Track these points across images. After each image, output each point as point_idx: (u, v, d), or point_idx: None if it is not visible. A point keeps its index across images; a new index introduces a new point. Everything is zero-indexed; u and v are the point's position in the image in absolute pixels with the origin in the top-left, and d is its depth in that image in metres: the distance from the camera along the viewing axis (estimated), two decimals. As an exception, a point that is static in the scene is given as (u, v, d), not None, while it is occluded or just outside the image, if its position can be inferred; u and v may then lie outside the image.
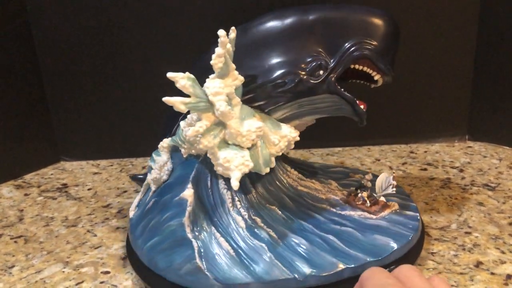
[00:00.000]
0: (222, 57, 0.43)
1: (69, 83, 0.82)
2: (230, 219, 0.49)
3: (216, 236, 0.48)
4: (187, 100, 0.44)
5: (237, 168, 0.45)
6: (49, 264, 0.54)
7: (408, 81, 0.82)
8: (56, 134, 0.85)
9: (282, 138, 0.48)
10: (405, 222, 0.51)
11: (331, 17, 0.49)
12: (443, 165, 0.77)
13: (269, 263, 0.45)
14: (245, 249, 0.47)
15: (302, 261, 0.45)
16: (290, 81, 0.47)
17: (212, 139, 0.45)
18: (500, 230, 0.56)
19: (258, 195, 0.52)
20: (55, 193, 0.73)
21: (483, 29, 0.79)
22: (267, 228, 0.49)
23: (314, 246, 0.47)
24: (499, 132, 0.83)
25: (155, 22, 0.78)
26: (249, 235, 0.48)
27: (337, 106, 0.50)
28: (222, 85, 0.44)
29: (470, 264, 0.50)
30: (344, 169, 0.66)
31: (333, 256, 0.46)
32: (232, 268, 0.45)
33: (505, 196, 0.65)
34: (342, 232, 0.49)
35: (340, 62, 0.48)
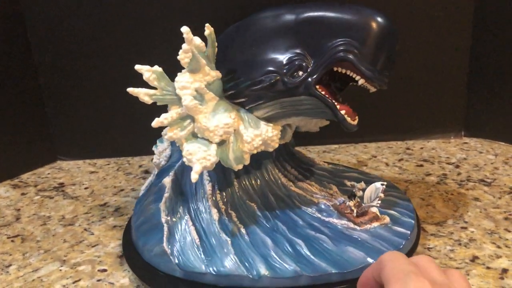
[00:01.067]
0: (189, 53, 0.45)
1: (65, 82, 0.82)
2: (206, 210, 0.51)
3: (188, 224, 0.50)
4: (152, 92, 0.47)
5: (198, 162, 0.46)
6: (46, 262, 0.54)
7: (404, 78, 0.82)
8: (52, 134, 0.85)
9: (256, 137, 0.48)
10: (389, 239, 0.48)
11: (317, 16, 0.47)
12: (439, 161, 0.77)
13: (229, 258, 0.46)
14: (211, 240, 0.48)
15: (261, 261, 0.45)
16: (267, 79, 0.47)
17: (179, 131, 0.47)
18: (496, 225, 0.56)
19: (241, 190, 0.53)
20: (52, 192, 0.73)
21: (478, 26, 0.80)
22: (239, 223, 0.50)
23: (278, 249, 0.47)
24: (494, 128, 0.84)
25: (151, 21, 0.78)
26: (219, 228, 0.49)
27: (319, 109, 0.48)
28: (190, 79, 0.46)
29: (466, 258, 0.50)
30: (358, 174, 0.63)
31: (293, 262, 0.45)
32: (194, 256, 0.46)
33: (500, 191, 0.65)
34: (314, 238, 0.48)
35: (320, 64, 0.46)
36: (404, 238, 0.48)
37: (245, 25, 0.51)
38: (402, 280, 0.28)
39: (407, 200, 0.56)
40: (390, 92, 0.84)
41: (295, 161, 0.61)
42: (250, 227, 0.50)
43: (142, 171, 0.79)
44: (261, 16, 0.50)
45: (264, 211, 0.52)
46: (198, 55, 0.46)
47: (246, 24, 0.51)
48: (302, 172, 0.59)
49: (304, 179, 0.58)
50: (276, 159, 0.58)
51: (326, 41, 0.46)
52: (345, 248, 0.47)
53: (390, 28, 0.45)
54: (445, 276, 0.30)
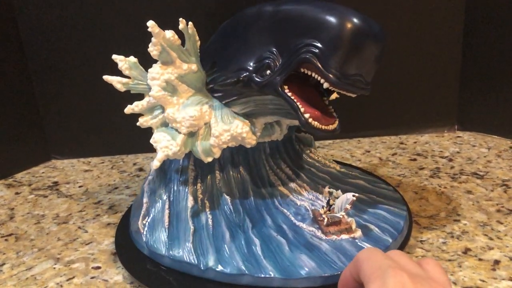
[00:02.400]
0: (157, 45, 0.47)
1: (58, 81, 0.81)
2: (183, 197, 0.52)
3: (164, 207, 0.52)
4: (124, 81, 0.50)
5: (161, 150, 0.48)
6: (40, 260, 0.54)
7: (396, 73, 0.83)
8: (46, 133, 0.85)
9: (225, 132, 0.48)
10: (351, 255, 0.45)
11: (290, 14, 0.44)
12: (433, 155, 0.77)
13: (185, 245, 0.48)
14: (178, 226, 0.50)
15: (213, 254, 0.47)
16: (235, 76, 0.47)
17: (150, 119, 0.50)
18: (488, 217, 0.56)
19: (222, 182, 0.54)
20: (46, 191, 0.73)
21: (470, 20, 0.80)
22: (209, 214, 0.52)
23: (233, 244, 0.48)
24: (488, 121, 0.84)
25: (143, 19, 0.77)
26: (189, 215, 0.51)
27: (286, 110, 0.46)
28: (161, 71, 0.48)
29: (458, 251, 0.50)
30: (366, 182, 0.61)
31: (242, 259, 0.46)
32: (159, 238, 0.49)
33: (493, 184, 0.65)
34: (273, 240, 0.48)
35: (286, 64, 0.44)
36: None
37: (233, 21, 0.51)
38: (380, 277, 0.28)
39: (400, 216, 0.52)
40: (383, 87, 0.84)
41: (295, 160, 0.60)
42: (217, 218, 0.52)
43: (136, 169, 0.79)
44: (246, 12, 0.50)
45: (237, 206, 0.53)
46: (168, 48, 0.47)
47: (234, 20, 0.51)
48: (297, 172, 0.59)
49: (295, 180, 0.58)
50: (270, 156, 0.58)
51: (295, 40, 0.43)
52: (298, 255, 0.46)
53: (367, 30, 0.41)
54: (420, 267, 0.30)
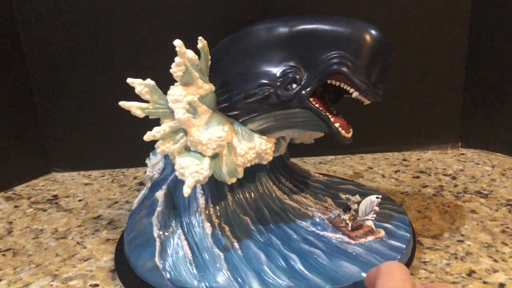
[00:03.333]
0: (181, 66, 0.45)
1: (59, 94, 0.81)
2: (199, 224, 0.50)
3: (181, 239, 0.49)
4: (144, 106, 0.46)
5: (190, 176, 0.45)
6: (37, 277, 0.53)
7: (400, 89, 0.82)
8: (47, 145, 0.84)
9: (250, 150, 0.48)
10: (384, 253, 0.48)
11: (311, 29, 0.47)
12: (436, 172, 0.76)
13: (221, 273, 0.45)
14: (204, 255, 0.47)
15: (254, 277, 0.45)
16: (261, 92, 0.47)
17: (171, 145, 0.47)
18: (493, 238, 0.56)
19: (234, 203, 0.52)
20: (45, 204, 0.73)
21: (474, 37, 0.80)
22: (233, 238, 0.49)
23: (272, 264, 0.46)
24: (491, 139, 0.83)
25: (145, 33, 0.78)
26: (212, 242, 0.49)
27: (313, 122, 0.48)
28: (183, 92, 0.45)
29: (462, 273, 0.49)
30: (354, 186, 0.63)
31: (287, 277, 0.45)
32: (186, 271, 0.46)
33: (497, 203, 0.64)
34: (308, 253, 0.48)
35: (314, 76, 0.46)
36: (399, 252, 0.48)
37: (239, 37, 0.51)
38: None
39: (402, 212, 0.56)
40: (386, 103, 0.83)
41: (290, 173, 0.60)
42: (243, 241, 0.49)
43: (137, 183, 0.79)
44: (255, 29, 0.49)
45: (258, 225, 0.52)
46: (191, 68, 0.45)
47: (240, 36, 0.50)
48: (297, 184, 0.59)
49: (298, 192, 0.58)
50: (271, 172, 0.58)
51: (320, 53, 0.46)
52: (339, 263, 0.46)
53: (384, 41, 0.45)
54: None
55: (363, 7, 0.77)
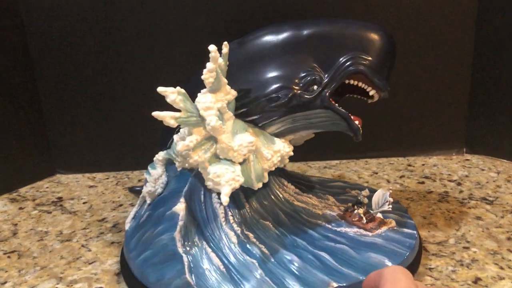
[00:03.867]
0: (213, 72, 0.44)
1: (65, 95, 0.81)
2: (222, 234, 0.49)
3: (207, 251, 0.47)
4: (177, 115, 0.45)
5: (227, 183, 0.45)
6: (42, 280, 0.53)
7: (405, 94, 0.82)
8: (51, 147, 0.84)
9: (275, 153, 0.48)
10: (401, 240, 0.50)
11: (325, 32, 0.49)
12: (441, 178, 0.76)
13: (259, 280, 0.44)
14: (236, 265, 0.46)
15: (293, 279, 0.44)
16: (283, 95, 0.47)
17: (203, 153, 0.45)
18: (499, 245, 0.55)
19: (252, 210, 0.52)
20: (50, 206, 0.73)
21: (480, 42, 0.80)
22: (259, 244, 0.49)
23: (306, 264, 0.46)
24: (497, 145, 0.83)
25: (151, 37, 0.78)
26: (241, 250, 0.48)
27: (332, 121, 0.50)
28: (213, 99, 0.45)
29: (468, 280, 0.49)
30: (343, 183, 0.66)
31: (325, 274, 0.45)
32: (222, 284, 0.44)
33: (503, 210, 0.64)
34: (336, 249, 0.49)
35: (334, 77, 0.48)
36: (413, 238, 0.51)
37: (248, 42, 0.51)
38: None
39: (396, 203, 0.58)
40: (391, 109, 0.84)
41: (288, 176, 0.60)
42: (271, 246, 0.49)
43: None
44: (264, 33, 0.50)
45: (278, 229, 0.51)
46: (221, 74, 0.45)
47: (249, 41, 0.51)
48: (298, 186, 0.59)
49: (302, 193, 0.58)
50: (274, 175, 0.58)
51: (338, 55, 0.48)
52: (367, 255, 0.48)
53: (392, 40, 0.49)
54: None
55: (369, 12, 0.77)
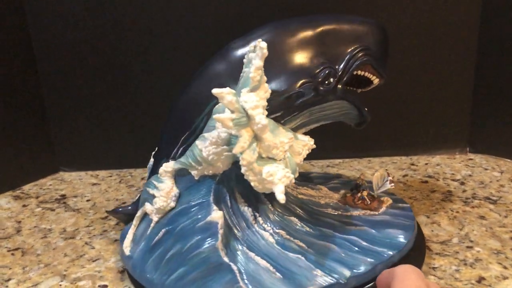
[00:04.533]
0: (260, 70, 0.42)
1: (68, 93, 0.82)
2: (258, 236, 0.48)
3: (250, 256, 0.46)
4: (233, 116, 0.42)
5: (280, 181, 0.43)
6: (46, 277, 0.53)
7: (409, 93, 0.82)
8: (55, 144, 0.85)
9: (304, 147, 0.47)
10: (403, 214, 0.55)
11: (332, 28, 0.51)
12: (444, 177, 0.76)
13: (310, 272, 0.45)
14: (283, 263, 0.46)
15: (339, 265, 0.45)
16: (308, 91, 0.48)
17: (252, 154, 0.43)
18: (502, 245, 0.55)
19: (274, 208, 0.52)
20: (53, 204, 0.73)
21: (483, 41, 0.79)
22: (294, 239, 0.49)
23: (343, 249, 0.48)
24: (500, 144, 0.83)
25: (154, 35, 0.78)
26: (281, 249, 0.48)
27: (344, 111, 0.52)
28: (258, 98, 0.43)
29: (472, 279, 0.49)
30: (321, 174, 0.70)
31: (363, 255, 0.47)
32: (277, 284, 0.43)
33: (507, 209, 0.64)
34: (360, 231, 0.51)
35: (346, 69, 0.50)
36: (410, 210, 0.56)
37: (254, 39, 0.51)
38: None
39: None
40: (395, 107, 0.84)
41: None
42: (305, 240, 0.49)
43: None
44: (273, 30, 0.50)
45: (303, 222, 0.52)
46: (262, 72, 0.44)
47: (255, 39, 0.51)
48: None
49: (298, 186, 0.59)
50: None
51: (346, 48, 0.50)
52: (385, 231, 0.51)
53: (386, 32, 0.53)
54: None
55: (373, 10, 0.77)
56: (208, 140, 0.46)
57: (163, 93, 0.79)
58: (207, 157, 0.46)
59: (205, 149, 0.46)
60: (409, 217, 0.54)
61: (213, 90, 0.41)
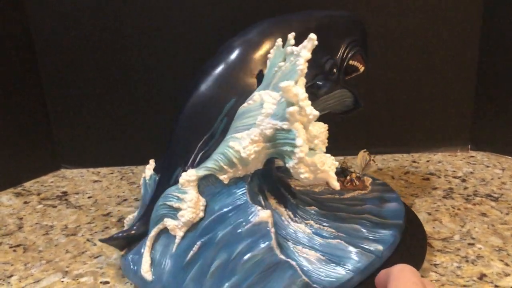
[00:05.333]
0: (307, 62, 0.42)
1: (69, 90, 0.82)
2: (296, 230, 0.49)
3: (298, 249, 0.46)
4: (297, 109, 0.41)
5: (331, 169, 0.43)
6: (48, 273, 0.53)
7: (410, 91, 0.82)
8: (56, 142, 0.85)
9: (322, 134, 0.47)
10: (385, 189, 0.60)
11: (327, 22, 0.54)
12: (446, 174, 0.76)
13: (356, 254, 0.47)
14: (328, 250, 0.47)
15: (371, 242, 0.48)
16: (323, 83, 0.50)
17: (306, 146, 0.42)
18: (504, 242, 0.55)
19: (295, 200, 0.53)
20: (55, 201, 0.73)
21: (485, 38, 0.79)
22: (323, 226, 0.50)
23: (365, 227, 0.51)
24: (501, 141, 0.83)
25: (155, 32, 0.78)
26: (320, 238, 0.49)
27: (342, 100, 0.55)
28: (303, 89, 0.42)
29: (473, 276, 0.49)
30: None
31: (383, 229, 0.50)
32: (332, 271, 0.45)
33: (508, 206, 0.64)
34: (370, 209, 0.54)
35: (343, 60, 0.53)
36: (387, 185, 0.62)
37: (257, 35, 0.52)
38: None
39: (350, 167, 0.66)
40: (396, 105, 0.83)
41: None
42: (331, 225, 0.51)
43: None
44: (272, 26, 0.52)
45: (318, 210, 0.53)
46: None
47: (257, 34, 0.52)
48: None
49: (287, 178, 0.59)
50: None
51: (340, 41, 0.54)
52: (387, 205, 0.56)
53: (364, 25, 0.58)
54: None
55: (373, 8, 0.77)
56: (247, 140, 0.44)
57: (164, 90, 0.79)
58: (248, 157, 0.44)
59: (244, 149, 0.44)
60: (391, 190, 0.60)
61: (282, 84, 0.40)
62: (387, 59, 0.80)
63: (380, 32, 0.78)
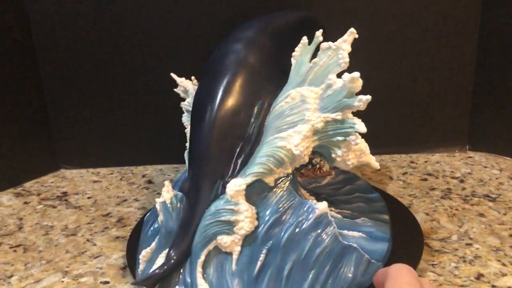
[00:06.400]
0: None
1: (69, 90, 0.82)
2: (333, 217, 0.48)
3: (347, 233, 0.50)
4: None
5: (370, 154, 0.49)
6: (48, 273, 0.53)
7: (408, 91, 0.82)
8: (56, 142, 0.85)
9: None
10: (341, 171, 0.65)
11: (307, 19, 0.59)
12: (444, 175, 0.77)
13: (380, 226, 0.52)
14: (364, 229, 0.52)
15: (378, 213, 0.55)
16: None
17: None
18: (501, 242, 0.56)
19: (307, 192, 0.54)
20: (55, 201, 0.73)
21: (484, 39, 0.80)
22: (342, 210, 0.54)
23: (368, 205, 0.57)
24: (499, 142, 0.83)
25: (155, 31, 0.78)
26: (349, 220, 0.53)
27: None
28: None
29: (471, 276, 0.49)
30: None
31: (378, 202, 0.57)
32: (374, 245, 0.49)
33: (506, 207, 0.64)
34: (355, 189, 0.60)
35: None
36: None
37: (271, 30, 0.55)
38: None
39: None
40: (394, 105, 0.84)
41: None
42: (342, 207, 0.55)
43: (146, 181, 0.79)
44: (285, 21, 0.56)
45: (320, 198, 0.54)
46: None
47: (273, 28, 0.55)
48: None
49: None
50: None
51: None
52: (358, 183, 0.63)
53: None
54: None
55: (372, 8, 0.77)
56: (297, 137, 0.44)
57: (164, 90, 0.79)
58: (301, 154, 0.44)
59: (296, 147, 0.44)
60: (346, 171, 0.64)
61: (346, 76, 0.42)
62: (384, 60, 0.80)
63: (378, 33, 0.78)
